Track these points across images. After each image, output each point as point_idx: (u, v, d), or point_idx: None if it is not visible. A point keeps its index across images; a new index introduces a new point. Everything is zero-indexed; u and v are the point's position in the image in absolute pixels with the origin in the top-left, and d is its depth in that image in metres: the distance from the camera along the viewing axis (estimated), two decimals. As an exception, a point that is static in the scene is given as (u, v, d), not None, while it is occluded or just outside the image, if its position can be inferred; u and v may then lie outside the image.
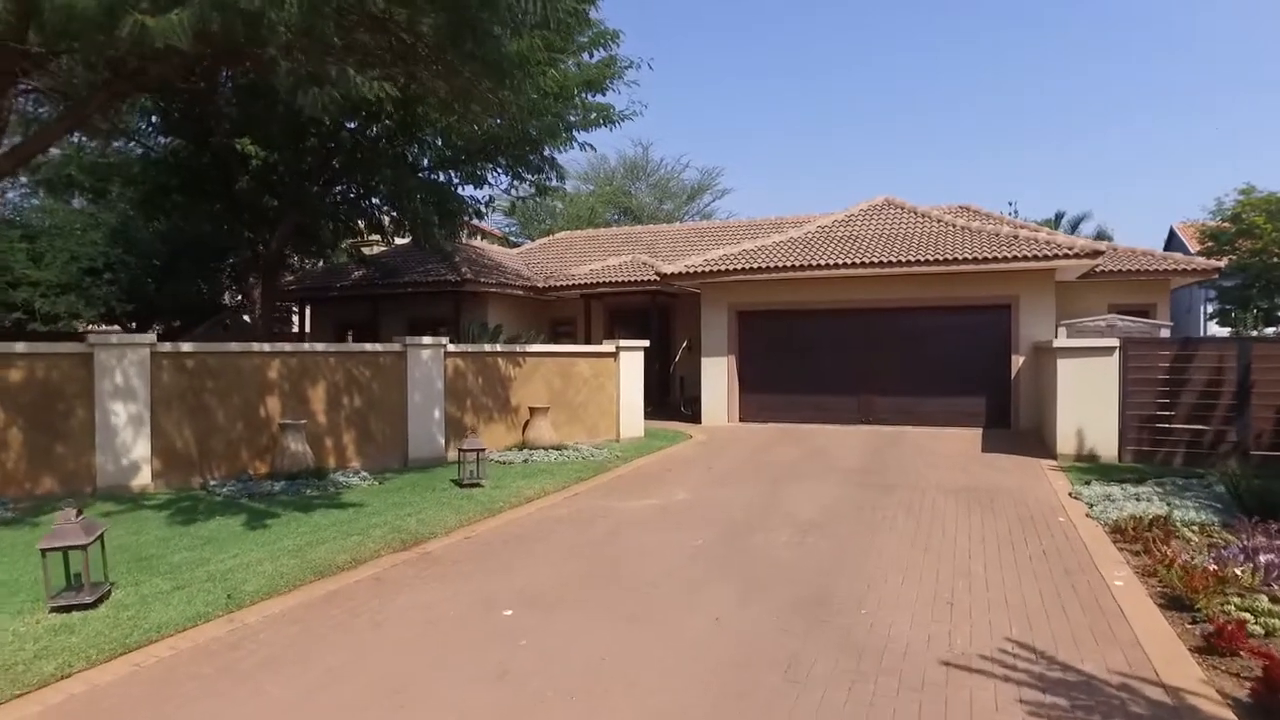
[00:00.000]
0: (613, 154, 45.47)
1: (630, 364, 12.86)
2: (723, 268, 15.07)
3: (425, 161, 13.06)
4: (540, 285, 18.73)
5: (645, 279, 17.20)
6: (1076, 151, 62.48)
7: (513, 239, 33.80)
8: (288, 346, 9.71)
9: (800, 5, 61.19)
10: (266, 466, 9.32)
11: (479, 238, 32.59)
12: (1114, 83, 61.94)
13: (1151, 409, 10.06)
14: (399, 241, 20.70)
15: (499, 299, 18.86)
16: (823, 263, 14.25)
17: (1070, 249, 12.85)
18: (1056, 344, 10.55)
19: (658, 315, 18.42)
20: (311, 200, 12.47)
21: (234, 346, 9.45)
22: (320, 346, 10.00)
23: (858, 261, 13.97)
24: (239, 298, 21.70)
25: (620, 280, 17.71)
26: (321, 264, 20.50)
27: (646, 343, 13.15)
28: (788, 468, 10.55)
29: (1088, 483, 8.78)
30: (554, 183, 14.65)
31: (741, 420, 15.81)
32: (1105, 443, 10.34)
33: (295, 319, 23.89)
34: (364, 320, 19.86)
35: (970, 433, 13.64)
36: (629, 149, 43.99)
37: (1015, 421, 13.85)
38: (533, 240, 27.59)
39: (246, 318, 17.99)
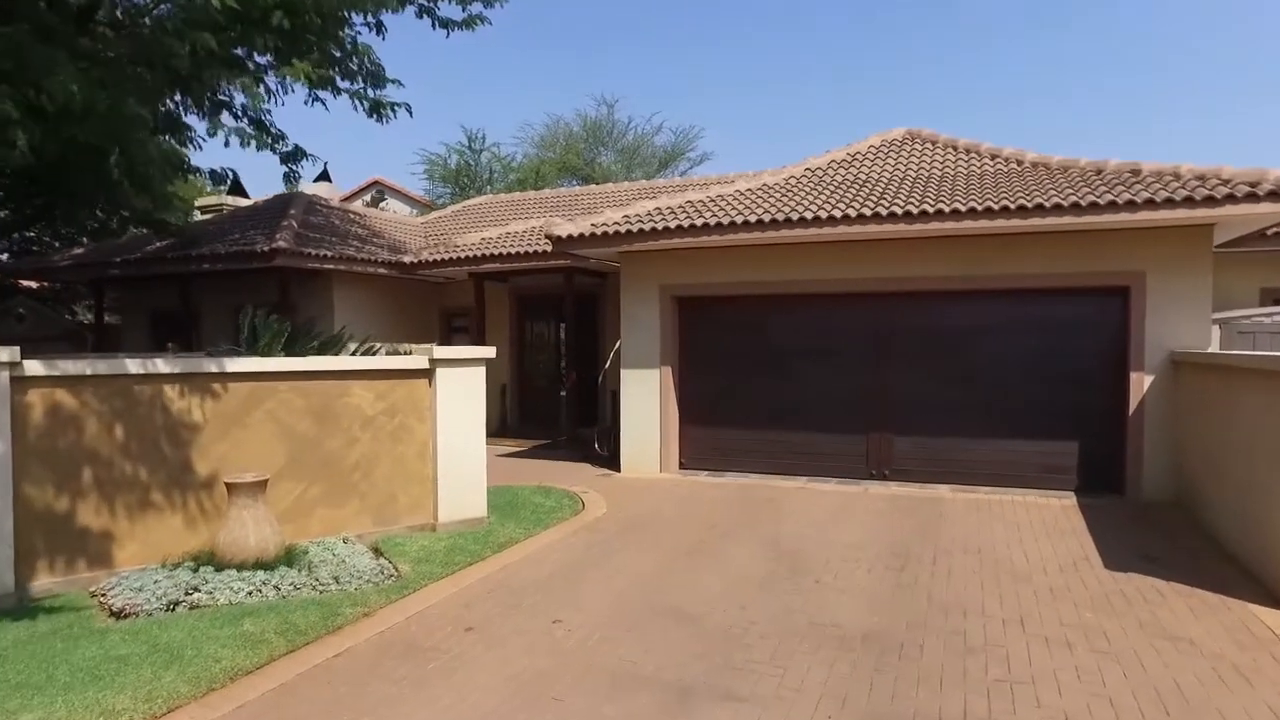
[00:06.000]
0: (571, 114, 39.83)
1: (459, 388, 7.18)
2: (649, 227, 9.43)
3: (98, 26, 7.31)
4: (408, 261, 13.03)
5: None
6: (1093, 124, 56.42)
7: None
8: None
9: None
10: None
11: (376, 202, 26.76)
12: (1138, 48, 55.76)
13: None
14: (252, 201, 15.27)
15: (350, 279, 13.21)
16: (811, 216, 8.61)
17: (1254, 185, 7.16)
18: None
19: (575, 304, 12.77)
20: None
21: None
22: None
23: (869, 214, 8.35)
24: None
25: (518, 253, 11.98)
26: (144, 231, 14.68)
27: (490, 352, 7.40)
28: (720, 630, 4.87)
29: None
30: (381, 90, 9.01)
31: (682, 468, 10.18)
32: None
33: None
34: (176, 309, 14.27)
35: (1058, 505, 8.01)
36: (591, 109, 38.26)
37: (1135, 485, 8.20)
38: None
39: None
